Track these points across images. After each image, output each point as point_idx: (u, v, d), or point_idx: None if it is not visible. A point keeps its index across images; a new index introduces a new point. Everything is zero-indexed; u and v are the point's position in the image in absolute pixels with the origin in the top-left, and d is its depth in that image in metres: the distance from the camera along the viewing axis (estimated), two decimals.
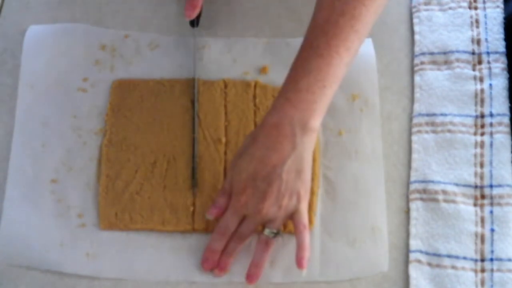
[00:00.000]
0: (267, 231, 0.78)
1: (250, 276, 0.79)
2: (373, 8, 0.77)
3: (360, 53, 0.89)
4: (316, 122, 0.76)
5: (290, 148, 0.75)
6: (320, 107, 0.77)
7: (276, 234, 0.78)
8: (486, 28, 0.90)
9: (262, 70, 0.90)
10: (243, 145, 0.78)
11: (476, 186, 0.83)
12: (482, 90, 0.87)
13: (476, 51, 0.89)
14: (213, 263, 0.80)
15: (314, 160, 0.84)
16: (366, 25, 0.78)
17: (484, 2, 0.92)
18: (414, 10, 0.93)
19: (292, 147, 0.75)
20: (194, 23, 0.89)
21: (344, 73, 0.78)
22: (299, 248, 0.77)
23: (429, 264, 0.80)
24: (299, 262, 0.77)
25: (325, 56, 0.76)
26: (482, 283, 0.79)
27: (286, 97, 0.77)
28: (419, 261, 0.80)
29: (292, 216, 0.78)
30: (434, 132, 0.86)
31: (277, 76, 0.89)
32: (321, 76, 0.76)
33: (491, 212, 0.82)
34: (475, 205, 0.82)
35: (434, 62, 0.90)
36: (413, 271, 0.80)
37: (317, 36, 0.77)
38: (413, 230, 0.82)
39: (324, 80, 0.76)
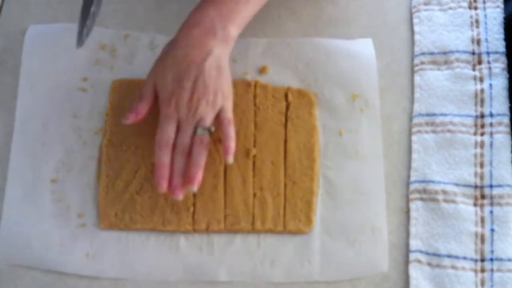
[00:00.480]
0: (199, 130, 0.79)
1: (191, 177, 0.78)
2: None
3: (360, 53, 0.90)
4: (234, 30, 0.80)
5: (211, 45, 0.78)
6: (240, 18, 0.81)
7: (209, 130, 0.79)
8: (486, 28, 0.90)
9: (262, 70, 0.90)
10: (163, 51, 0.81)
11: (476, 186, 0.83)
12: (482, 90, 0.87)
13: (476, 51, 0.89)
14: (168, 180, 0.78)
15: (314, 160, 0.85)
16: None
17: (484, 2, 0.92)
18: (414, 10, 0.93)
19: (213, 45, 0.78)
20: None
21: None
22: (226, 139, 0.80)
23: (429, 264, 0.80)
24: (226, 150, 0.79)
25: None
26: (482, 283, 0.79)
27: (211, 0, 0.80)
28: (419, 261, 0.80)
29: (219, 113, 0.80)
30: (434, 132, 0.86)
31: (277, 76, 0.89)
32: None
33: (491, 212, 0.82)
34: (475, 205, 0.82)
35: (434, 62, 0.90)
36: (413, 271, 0.80)
37: None
38: (413, 230, 0.82)
39: None
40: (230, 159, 0.79)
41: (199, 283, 0.81)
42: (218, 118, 0.80)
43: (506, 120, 0.85)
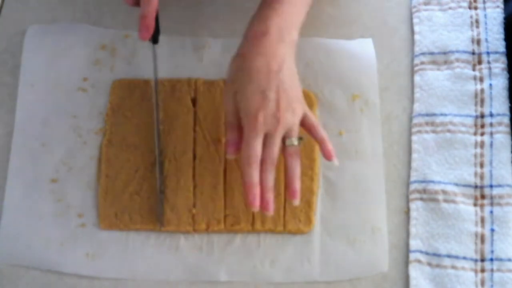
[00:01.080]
0: (289, 141, 0.77)
1: (293, 191, 0.78)
2: None
3: (360, 53, 0.90)
4: (296, 34, 0.80)
5: (284, 52, 0.77)
6: (298, 20, 0.80)
7: (299, 139, 0.78)
8: (486, 28, 0.90)
9: None
10: (232, 68, 0.78)
11: (476, 186, 0.83)
12: (482, 90, 0.87)
13: (476, 51, 0.89)
14: (259, 197, 0.76)
15: (314, 160, 0.85)
16: None
17: (484, 2, 0.92)
18: (414, 10, 0.93)
19: (284, 52, 0.77)
20: (153, 40, 0.84)
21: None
22: (323, 142, 0.79)
23: (429, 264, 0.80)
24: (328, 153, 0.79)
25: None
26: (482, 283, 0.79)
27: (271, 7, 0.78)
28: (419, 261, 0.80)
29: (303, 121, 0.79)
30: (434, 132, 0.86)
31: None
32: None
33: (491, 212, 0.82)
34: (475, 205, 0.82)
35: (434, 62, 0.90)
36: (413, 271, 0.80)
37: None
38: (413, 230, 0.82)
39: None
40: (336, 161, 0.79)
41: (199, 283, 0.81)
42: (304, 124, 0.79)
43: (506, 120, 0.85)
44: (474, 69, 0.89)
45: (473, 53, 0.89)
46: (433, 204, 0.83)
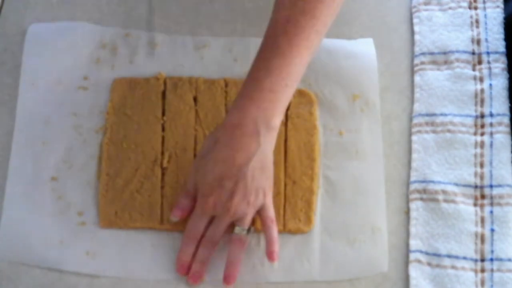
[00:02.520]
0: (238, 229, 0.79)
1: (228, 277, 0.79)
2: (333, 7, 0.78)
3: (361, 53, 0.90)
4: (277, 120, 0.77)
5: (254, 147, 0.76)
6: (281, 106, 0.77)
7: (248, 231, 0.79)
8: (486, 28, 0.90)
9: None
10: (205, 147, 0.78)
11: (476, 186, 0.83)
12: (482, 90, 0.87)
13: (476, 51, 0.90)
14: (187, 267, 0.80)
15: (314, 159, 0.85)
16: (326, 24, 0.78)
17: (484, 2, 0.92)
18: (414, 10, 0.93)
19: (256, 146, 0.76)
20: None
21: (304, 71, 0.78)
22: (269, 242, 0.79)
23: (429, 264, 0.80)
24: (270, 256, 0.78)
25: (287, 55, 0.76)
26: (482, 283, 0.79)
27: (249, 96, 0.76)
28: (419, 261, 0.80)
29: (259, 212, 0.79)
30: (434, 132, 0.86)
31: None
32: (283, 75, 0.76)
33: (491, 212, 0.82)
34: (475, 205, 0.82)
35: (434, 62, 0.90)
36: (413, 271, 0.80)
37: (278, 35, 0.76)
38: (413, 230, 0.82)
39: (286, 79, 0.76)
40: (275, 265, 0.79)
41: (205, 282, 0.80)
42: (260, 216, 0.80)
43: (506, 120, 0.85)
44: (474, 69, 0.89)
45: (473, 53, 0.89)
46: (433, 204, 0.83)
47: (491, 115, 0.86)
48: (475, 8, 0.92)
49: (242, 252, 0.79)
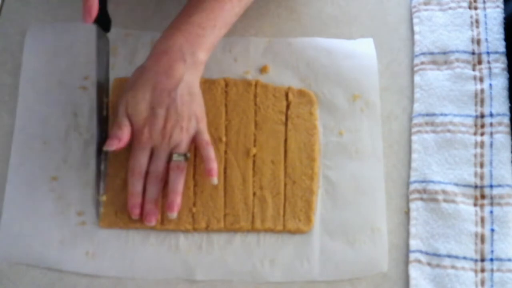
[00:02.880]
0: (175, 156, 0.81)
1: (171, 204, 0.81)
2: None
3: (361, 53, 0.91)
4: (203, 55, 0.81)
5: (181, 72, 0.79)
6: (208, 43, 0.82)
7: (185, 156, 0.81)
8: (486, 28, 0.90)
9: (263, 70, 0.90)
10: (132, 78, 0.81)
11: (476, 186, 0.83)
12: (482, 90, 0.87)
13: (476, 51, 0.90)
14: (140, 208, 0.81)
15: (314, 159, 0.85)
16: None
17: (484, 2, 0.92)
18: (414, 10, 0.93)
19: (183, 71, 0.79)
20: (102, 26, 0.85)
21: (233, 21, 0.85)
22: (207, 160, 0.81)
23: (429, 264, 0.80)
24: (209, 172, 0.81)
25: (219, 0, 0.82)
26: (482, 283, 0.79)
27: (178, 27, 0.81)
28: (419, 261, 0.80)
29: (195, 137, 0.82)
30: (434, 132, 0.86)
31: (278, 76, 0.89)
32: (213, 16, 0.82)
33: (491, 212, 0.82)
34: (475, 205, 0.82)
35: (434, 62, 0.90)
36: (413, 271, 0.80)
37: None
38: (413, 230, 0.82)
39: (215, 20, 0.82)
40: (215, 180, 0.81)
41: (198, 282, 0.80)
42: (195, 141, 0.82)
43: (506, 120, 0.85)
44: (474, 69, 0.89)
45: (473, 53, 0.89)
46: (433, 204, 0.83)
47: (491, 115, 0.86)
48: (475, 8, 0.92)
49: (182, 179, 0.81)
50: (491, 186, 0.83)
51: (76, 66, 0.89)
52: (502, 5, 0.92)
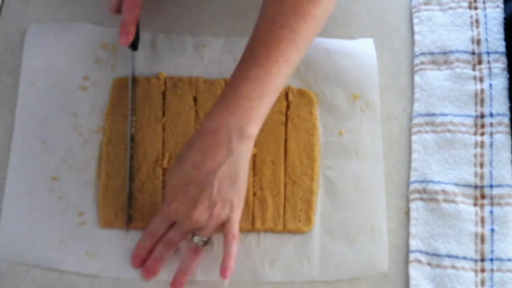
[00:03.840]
0: (196, 239, 0.78)
1: (176, 283, 0.79)
2: (314, 24, 0.78)
3: (361, 53, 0.90)
4: (253, 129, 0.75)
5: (225, 154, 0.74)
6: (257, 115, 0.76)
7: (206, 242, 0.78)
8: (486, 28, 0.90)
9: None
10: (180, 152, 0.77)
11: (476, 186, 0.83)
12: (482, 90, 0.87)
13: (476, 51, 0.90)
14: (142, 261, 0.80)
15: (314, 159, 0.85)
16: (306, 40, 0.78)
17: (484, 2, 0.92)
18: (414, 10, 0.93)
19: (228, 153, 0.74)
20: (132, 47, 0.87)
21: (283, 84, 0.77)
22: (225, 256, 0.77)
23: (429, 264, 0.80)
24: (223, 271, 0.77)
25: (264, 66, 0.75)
26: (482, 283, 0.79)
27: (225, 103, 0.75)
28: (419, 261, 0.80)
29: (224, 224, 0.77)
30: (434, 132, 0.86)
31: None
32: (260, 85, 0.75)
33: (491, 212, 0.82)
34: (475, 205, 0.82)
35: (434, 62, 0.90)
36: (413, 271, 0.80)
37: (257, 46, 0.77)
38: (413, 230, 0.82)
39: (263, 89, 0.75)
40: (226, 283, 0.79)
41: (198, 282, 0.80)
42: (223, 229, 0.78)
43: (506, 120, 0.85)
44: (474, 69, 0.89)
45: (473, 53, 0.89)
46: (433, 204, 0.83)
47: (491, 115, 0.86)
48: (475, 8, 0.92)
49: (195, 262, 0.79)
50: (491, 186, 0.83)
51: (76, 66, 0.89)
52: (502, 5, 0.92)
